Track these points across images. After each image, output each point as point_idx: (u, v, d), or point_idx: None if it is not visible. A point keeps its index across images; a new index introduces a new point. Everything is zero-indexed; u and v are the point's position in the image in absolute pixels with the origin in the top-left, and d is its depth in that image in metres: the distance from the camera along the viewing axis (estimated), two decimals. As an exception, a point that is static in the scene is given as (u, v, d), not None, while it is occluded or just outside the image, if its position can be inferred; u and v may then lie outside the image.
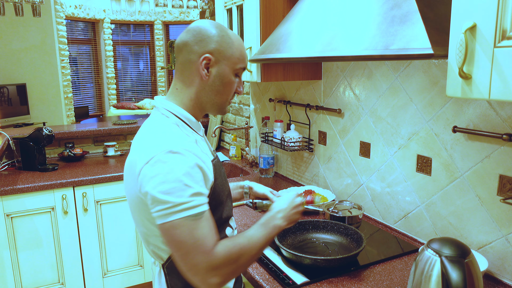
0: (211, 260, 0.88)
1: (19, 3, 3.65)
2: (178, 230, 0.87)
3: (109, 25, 6.79)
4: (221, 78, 1.02)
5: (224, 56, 1.01)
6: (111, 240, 2.55)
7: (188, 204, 0.88)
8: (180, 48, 1.02)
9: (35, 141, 2.59)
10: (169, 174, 0.88)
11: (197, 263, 0.87)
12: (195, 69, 1.01)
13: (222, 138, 3.31)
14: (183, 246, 0.87)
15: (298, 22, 1.48)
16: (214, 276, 0.88)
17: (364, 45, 1.10)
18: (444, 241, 0.94)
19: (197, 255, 0.87)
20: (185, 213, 0.87)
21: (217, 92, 1.04)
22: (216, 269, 0.89)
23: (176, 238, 0.88)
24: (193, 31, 1.01)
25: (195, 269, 0.88)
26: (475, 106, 1.23)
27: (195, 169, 0.92)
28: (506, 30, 0.75)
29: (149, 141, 0.95)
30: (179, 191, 0.87)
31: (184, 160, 0.90)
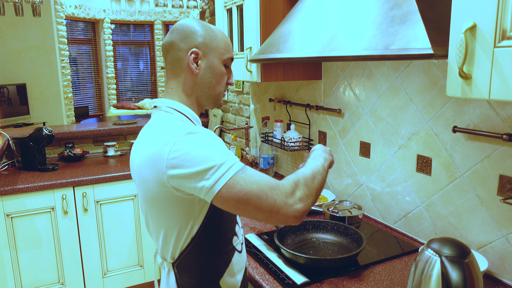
0: (283, 190, 0.88)
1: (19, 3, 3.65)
2: (237, 186, 0.86)
3: (109, 25, 6.79)
4: (211, 69, 1.05)
5: (210, 48, 1.04)
6: (111, 240, 2.55)
7: (229, 162, 0.88)
8: (167, 49, 1.05)
9: (35, 141, 2.59)
10: (197, 149, 0.88)
11: (274, 199, 0.87)
12: (185, 66, 1.03)
13: (222, 138, 3.31)
14: (251, 195, 0.86)
15: (298, 22, 1.48)
16: (295, 203, 0.88)
17: (364, 45, 1.10)
18: (444, 241, 0.94)
19: (268, 193, 0.87)
20: (233, 169, 0.87)
21: (209, 85, 1.06)
22: (292, 195, 0.89)
23: (240, 194, 0.86)
24: (177, 30, 1.04)
25: (276, 206, 0.87)
26: (475, 106, 1.23)
27: (217, 139, 0.93)
28: (506, 30, 0.75)
29: (163, 133, 0.94)
30: (214, 156, 0.87)
31: (205, 135, 0.91)
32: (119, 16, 6.82)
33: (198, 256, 1.01)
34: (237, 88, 2.89)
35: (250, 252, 1.42)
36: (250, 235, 1.54)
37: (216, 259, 1.03)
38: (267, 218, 0.88)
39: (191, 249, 1.00)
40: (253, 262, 1.35)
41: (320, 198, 1.84)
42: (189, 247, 1.00)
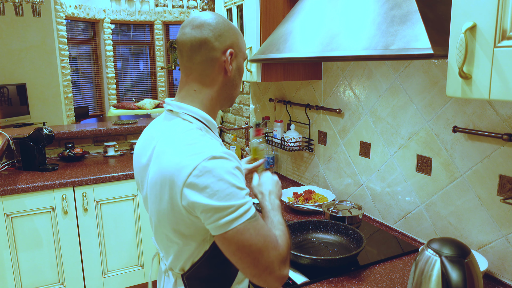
0: (281, 253, 0.88)
1: (19, 3, 3.65)
2: (246, 234, 0.83)
3: (109, 25, 6.79)
4: (239, 70, 1.00)
5: (239, 48, 0.99)
6: (111, 240, 2.55)
7: (247, 206, 0.85)
8: (197, 47, 0.93)
9: (35, 141, 2.59)
10: (220, 181, 0.82)
11: (272, 260, 0.86)
12: (218, 66, 0.95)
13: (222, 138, 3.31)
14: (255, 249, 0.84)
15: (298, 22, 1.48)
16: (285, 268, 0.88)
17: (364, 45, 1.10)
18: (444, 241, 0.94)
19: (270, 252, 0.85)
20: (247, 215, 0.84)
21: (235, 86, 1.01)
22: (285, 261, 0.89)
23: (245, 243, 0.83)
24: (208, 26, 0.93)
25: (271, 267, 0.85)
26: (475, 106, 1.23)
27: (238, 170, 0.87)
28: (506, 30, 0.75)
29: (183, 148, 0.87)
30: (235, 194, 0.83)
31: (229, 163, 0.85)
32: (119, 16, 6.82)
33: (209, 268, 0.98)
34: (237, 88, 2.89)
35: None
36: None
37: (227, 269, 1.01)
38: (257, 275, 0.86)
39: (202, 262, 0.97)
40: (253, 262, 1.35)
41: (320, 198, 1.85)
42: (201, 261, 0.97)
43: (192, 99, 0.96)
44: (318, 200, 1.82)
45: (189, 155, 0.84)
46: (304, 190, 1.92)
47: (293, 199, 1.87)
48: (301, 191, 1.94)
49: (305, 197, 1.86)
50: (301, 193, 1.91)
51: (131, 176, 2.51)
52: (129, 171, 2.55)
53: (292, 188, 1.98)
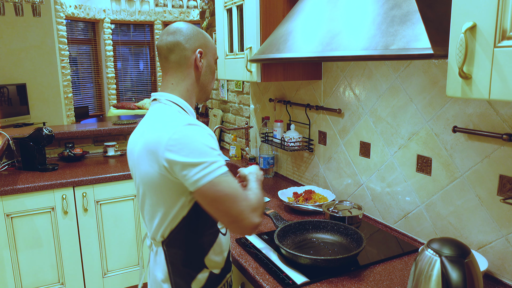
0: (250, 203, 1.02)
1: (19, 3, 3.65)
2: (219, 186, 0.98)
3: (109, 25, 6.79)
4: (209, 67, 1.21)
5: (208, 49, 1.19)
6: (111, 240, 2.55)
7: (219, 163, 0.99)
8: (171, 48, 1.14)
9: (35, 141, 2.59)
10: (195, 142, 0.99)
11: (243, 209, 1.00)
12: (191, 63, 1.15)
13: (222, 138, 3.31)
14: (227, 198, 0.98)
15: (298, 22, 1.48)
16: (256, 216, 1.02)
17: (364, 45, 1.10)
18: (444, 241, 0.94)
19: (240, 202, 0.99)
20: (220, 170, 0.99)
21: (207, 79, 1.22)
22: (255, 210, 1.02)
23: (219, 194, 0.98)
24: (180, 31, 1.15)
25: (242, 215, 0.99)
26: (475, 106, 1.23)
27: (212, 136, 1.04)
28: (506, 30, 0.75)
29: (163, 122, 1.05)
30: (208, 152, 0.99)
31: (203, 130, 1.03)
32: (119, 16, 6.82)
33: (186, 235, 1.11)
34: (237, 88, 2.89)
35: (250, 252, 1.42)
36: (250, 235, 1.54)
37: (202, 238, 1.13)
38: (231, 222, 1.00)
39: (180, 228, 1.10)
40: (253, 262, 1.35)
41: (320, 198, 1.85)
42: (179, 226, 1.09)
43: (171, 91, 1.16)
44: (318, 200, 1.82)
45: (168, 125, 1.03)
46: (304, 190, 1.92)
47: (293, 199, 1.87)
48: (301, 191, 1.94)
49: (305, 197, 1.86)
50: (301, 193, 1.91)
51: (131, 176, 2.51)
52: (129, 171, 2.55)
53: (292, 188, 1.98)
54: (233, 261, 1.41)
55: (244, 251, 1.44)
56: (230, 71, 2.13)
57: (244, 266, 1.33)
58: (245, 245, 1.48)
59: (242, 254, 1.41)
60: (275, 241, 1.35)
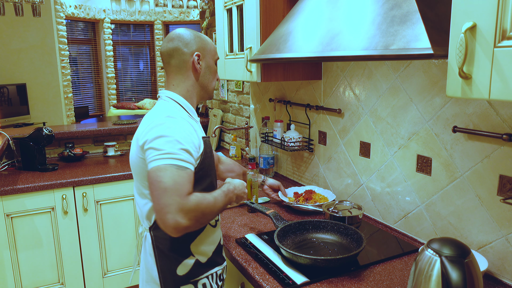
0: (183, 203, 1.01)
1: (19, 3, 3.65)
2: (162, 172, 1.02)
3: (109, 25, 6.79)
4: (209, 67, 1.30)
5: (206, 51, 1.28)
6: (111, 240, 2.55)
7: (176, 156, 1.05)
8: (170, 54, 1.25)
9: (35, 141, 2.59)
10: (166, 130, 1.08)
11: (171, 203, 0.99)
12: (189, 66, 1.25)
13: (222, 138, 3.31)
14: (161, 186, 1.01)
15: (298, 22, 1.48)
16: (183, 218, 0.99)
17: (364, 45, 1.10)
18: (444, 241, 0.94)
19: (172, 195, 1.00)
20: (172, 161, 1.04)
21: (208, 80, 1.31)
22: (186, 213, 1.00)
23: (158, 179, 1.02)
24: (177, 38, 1.25)
25: (167, 208, 0.99)
26: (475, 106, 1.23)
27: (187, 131, 1.12)
28: (506, 30, 0.75)
29: (151, 115, 1.17)
30: (171, 143, 1.06)
31: (180, 122, 1.12)
32: (119, 16, 6.82)
33: None
34: (237, 88, 2.89)
35: (250, 252, 1.42)
36: (250, 235, 1.54)
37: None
38: (156, 211, 1.01)
39: None
40: (253, 262, 1.35)
41: (321, 198, 1.85)
42: None
43: (173, 90, 1.27)
44: (318, 200, 1.82)
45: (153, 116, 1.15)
46: (305, 190, 1.92)
47: (293, 199, 1.87)
48: (302, 191, 1.94)
49: (306, 197, 1.86)
50: (301, 193, 1.91)
51: (131, 176, 2.51)
52: (129, 171, 2.55)
53: (293, 188, 1.98)
54: (233, 261, 1.41)
55: (244, 251, 1.44)
56: (230, 71, 2.13)
57: (244, 266, 1.33)
58: (245, 245, 1.48)
59: (242, 254, 1.41)
60: (275, 241, 1.35)
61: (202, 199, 1.07)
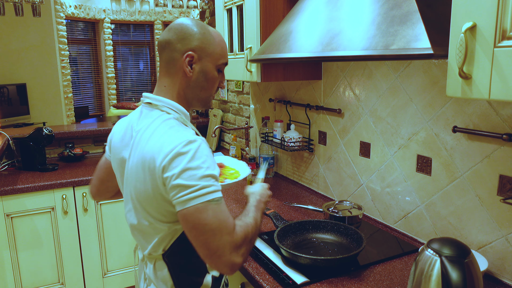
0: (234, 240, 0.92)
1: (19, 3, 3.65)
2: (204, 213, 0.90)
3: (109, 25, 6.79)
4: (205, 74, 1.05)
5: (206, 53, 1.04)
6: (111, 240, 2.55)
7: (211, 188, 0.91)
8: (163, 47, 1.04)
9: (35, 141, 2.59)
10: (192, 161, 0.91)
11: (223, 244, 0.90)
12: (179, 67, 1.03)
13: (222, 138, 3.31)
14: (208, 229, 0.89)
15: (298, 22, 1.48)
16: (237, 256, 0.92)
17: (364, 45, 1.10)
18: (444, 241, 0.94)
19: (223, 236, 0.90)
20: (209, 196, 0.91)
21: (201, 88, 1.07)
22: (238, 248, 0.93)
23: (201, 222, 0.90)
24: (175, 29, 1.03)
25: (221, 250, 0.90)
26: (475, 106, 1.23)
27: (210, 154, 0.96)
28: (506, 30, 0.75)
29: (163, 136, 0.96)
30: (201, 176, 0.91)
31: (203, 147, 0.95)
32: (119, 16, 6.82)
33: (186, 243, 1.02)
34: (237, 88, 2.89)
35: (250, 253, 1.42)
36: (250, 235, 1.54)
37: None
38: (207, 256, 0.91)
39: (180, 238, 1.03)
40: (253, 262, 1.35)
41: (232, 173, 1.52)
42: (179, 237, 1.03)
43: (164, 94, 1.06)
44: (229, 176, 1.45)
45: (168, 139, 0.94)
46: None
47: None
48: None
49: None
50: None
51: (131, 176, 2.51)
52: (129, 171, 2.55)
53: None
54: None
55: (244, 251, 1.43)
56: (230, 71, 2.13)
57: (244, 266, 1.33)
58: (245, 245, 1.47)
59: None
60: (275, 241, 1.35)
61: (246, 227, 0.98)
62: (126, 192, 1.07)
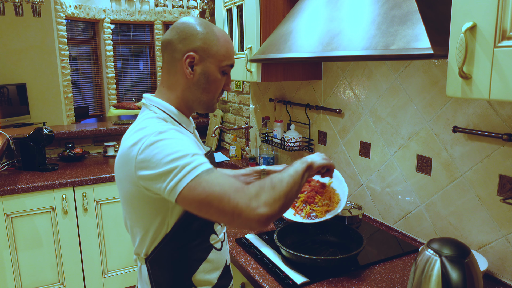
0: (247, 193, 0.86)
1: (19, 3, 3.65)
2: (198, 188, 0.85)
3: (109, 25, 6.79)
4: (207, 76, 1.01)
5: (208, 54, 1.00)
6: (111, 240, 2.55)
7: (193, 163, 0.87)
8: (164, 46, 1.02)
9: (35, 141, 2.59)
10: (163, 150, 0.88)
11: (236, 202, 0.84)
12: (180, 68, 1.00)
13: (222, 138, 3.31)
14: (213, 197, 0.84)
15: (298, 22, 1.48)
16: (259, 207, 0.84)
17: (364, 45, 1.10)
18: (444, 241, 0.94)
19: (231, 195, 0.84)
20: (195, 171, 0.86)
21: (203, 90, 1.03)
22: (256, 198, 0.85)
23: (202, 196, 0.85)
24: (178, 29, 1.00)
25: (237, 209, 0.84)
26: (475, 106, 1.23)
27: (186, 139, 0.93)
28: (506, 30, 0.75)
29: (137, 132, 0.94)
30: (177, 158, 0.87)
31: (173, 135, 0.91)
32: (119, 16, 6.82)
33: (170, 252, 1.01)
34: (237, 88, 2.89)
35: (250, 252, 1.42)
36: (250, 235, 1.54)
37: (189, 255, 1.03)
38: (230, 221, 0.86)
39: (164, 245, 1.00)
40: (253, 262, 1.35)
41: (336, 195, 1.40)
42: (162, 243, 1.00)
43: (162, 95, 1.04)
44: (335, 200, 1.33)
45: (139, 135, 0.92)
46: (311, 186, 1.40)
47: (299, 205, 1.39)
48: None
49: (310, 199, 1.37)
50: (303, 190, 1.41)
51: (131, 176, 2.51)
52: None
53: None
54: (233, 261, 1.41)
55: (244, 251, 1.44)
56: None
57: (244, 266, 1.33)
58: (245, 245, 1.48)
59: (242, 254, 1.41)
60: (275, 241, 1.35)
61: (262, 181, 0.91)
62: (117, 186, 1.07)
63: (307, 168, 1.03)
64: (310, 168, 1.06)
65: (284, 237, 1.43)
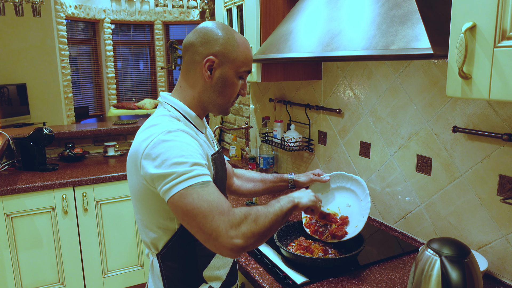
0: (230, 219, 0.87)
1: (19, 3, 3.66)
2: (188, 198, 0.87)
3: (109, 25, 6.79)
4: (224, 80, 1.04)
5: (228, 59, 1.02)
6: (111, 240, 2.55)
7: (191, 173, 0.89)
8: (186, 48, 1.05)
9: (35, 141, 2.59)
10: (168, 151, 0.90)
11: (217, 225, 0.86)
12: (199, 70, 1.03)
13: (222, 138, 3.31)
14: (198, 212, 0.86)
15: (298, 22, 1.48)
16: (236, 237, 0.86)
17: (364, 45, 1.10)
18: (444, 241, 0.94)
19: (215, 216, 0.86)
20: (190, 181, 0.88)
21: (219, 94, 1.05)
22: (237, 227, 0.87)
23: (189, 207, 0.87)
24: (200, 32, 1.03)
25: (216, 232, 0.86)
26: (475, 106, 1.23)
27: (192, 144, 0.95)
28: (506, 30, 0.75)
29: (148, 129, 0.97)
30: (180, 163, 0.89)
31: (182, 137, 0.94)
32: (119, 16, 6.82)
33: (181, 248, 1.03)
34: (237, 88, 2.89)
35: (250, 252, 1.42)
36: (250, 235, 1.54)
37: (199, 252, 1.05)
38: (205, 240, 0.88)
39: (174, 242, 1.03)
40: (253, 262, 1.35)
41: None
42: (172, 240, 1.03)
43: (177, 94, 1.07)
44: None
45: (149, 132, 0.95)
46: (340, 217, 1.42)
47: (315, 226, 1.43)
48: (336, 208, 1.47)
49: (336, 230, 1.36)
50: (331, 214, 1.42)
51: (131, 176, 2.51)
52: (129, 171, 2.55)
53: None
54: (233, 261, 1.41)
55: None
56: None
57: (244, 266, 1.33)
58: (245, 245, 1.47)
59: (242, 254, 1.41)
60: (275, 241, 1.35)
61: (249, 209, 0.93)
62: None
63: (292, 208, 1.06)
64: (295, 208, 1.09)
65: (284, 237, 1.43)
